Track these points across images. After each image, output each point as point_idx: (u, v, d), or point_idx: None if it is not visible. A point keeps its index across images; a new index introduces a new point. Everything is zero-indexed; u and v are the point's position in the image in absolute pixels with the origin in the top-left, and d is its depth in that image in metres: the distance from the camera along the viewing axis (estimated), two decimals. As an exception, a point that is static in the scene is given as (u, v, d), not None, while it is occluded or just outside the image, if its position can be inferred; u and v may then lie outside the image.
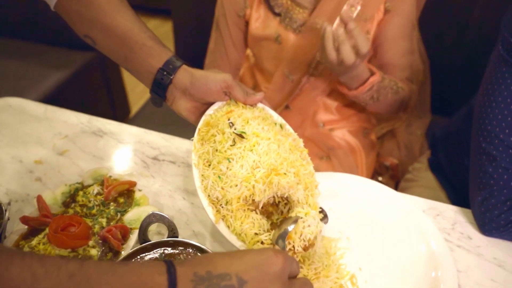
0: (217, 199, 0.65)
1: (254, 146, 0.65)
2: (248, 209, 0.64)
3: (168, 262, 0.42)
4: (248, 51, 1.33)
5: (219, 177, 0.64)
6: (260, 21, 1.18)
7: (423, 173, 1.27)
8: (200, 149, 0.69)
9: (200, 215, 0.80)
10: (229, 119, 0.69)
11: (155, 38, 0.73)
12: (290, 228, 0.59)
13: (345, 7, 1.08)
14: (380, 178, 1.39)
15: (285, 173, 0.64)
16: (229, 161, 0.64)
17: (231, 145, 0.66)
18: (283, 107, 1.24)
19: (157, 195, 0.84)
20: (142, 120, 1.60)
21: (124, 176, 0.83)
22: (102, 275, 0.39)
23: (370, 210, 0.81)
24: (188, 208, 0.82)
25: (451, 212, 0.83)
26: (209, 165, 0.68)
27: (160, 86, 0.71)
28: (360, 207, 0.82)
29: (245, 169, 0.63)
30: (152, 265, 0.43)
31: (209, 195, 0.65)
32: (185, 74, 0.70)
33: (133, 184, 0.81)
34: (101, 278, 0.39)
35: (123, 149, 0.96)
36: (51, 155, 0.94)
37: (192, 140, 0.71)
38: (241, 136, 0.66)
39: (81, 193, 0.78)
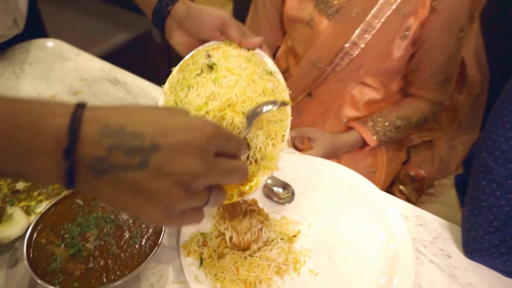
0: None
1: (219, 78, 0.59)
2: None
3: (80, 105, 0.37)
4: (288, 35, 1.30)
5: (176, 103, 0.61)
6: (296, 2, 1.14)
7: (447, 190, 1.15)
8: (174, 77, 0.65)
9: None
10: (207, 51, 0.65)
11: None
12: (266, 108, 0.54)
13: None
14: (401, 187, 1.28)
15: (243, 112, 0.57)
16: (189, 89, 0.60)
17: (197, 74, 0.62)
18: (305, 94, 1.20)
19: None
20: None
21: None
22: None
23: (345, 203, 0.75)
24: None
25: (437, 225, 0.73)
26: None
27: (158, 17, 0.70)
28: (335, 199, 0.76)
29: (200, 98, 0.58)
30: (56, 105, 0.37)
31: None
32: (182, 6, 0.68)
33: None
34: None
35: (128, 99, 0.99)
36: (65, 93, 1.00)
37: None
38: (211, 67, 0.62)
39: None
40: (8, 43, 1.12)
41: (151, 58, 2.24)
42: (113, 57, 1.97)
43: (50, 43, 1.18)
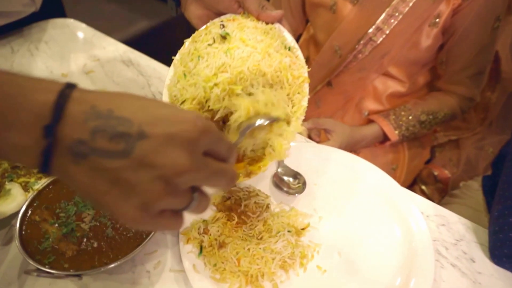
0: (175, 97, 0.58)
1: (232, 49, 0.55)
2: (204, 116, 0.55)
3: (69, 85, 0.34)
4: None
5: (184, 74, 0.57)
6: (319, -15, 1.08)
7: (473, 192, 1.07)
8: (186, 49, 0.61)
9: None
10: (222, 21, 0.61)
11: None
12: (259, 122, 0.51)
13: None
14: (423, 187, 1.21)
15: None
16: (199, 59, 0.56)
17: (209, 44, 0.58)
18: (325, 83, 1.14)
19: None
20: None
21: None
22: None
23: (360, 197, 0.69)
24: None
25: (461, 227, 0.67)
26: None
27: None
28: (350, 192, 0.70)
29: (210, 69, 0.54)
30: (45, 82, 0.34)
31: (171, 94, 0.59)
32: None
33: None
34: None
35: (140, 80, 0.96)
36: (78, 72, 0.98)
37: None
38: (224, 38, 0.58)
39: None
40: (25, 22, 1.11)
41: (173, 46, 2.22)
42: (134, 43, 1.96)
43: (67, 23, 1.17)
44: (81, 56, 1.04)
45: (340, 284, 0.58)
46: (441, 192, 1.20)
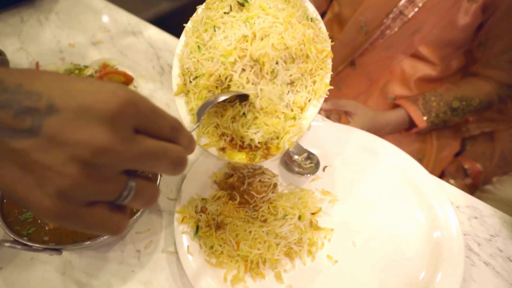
0: (188, 70, 0.53)
1: (251, 18, 0.50)
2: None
3: None
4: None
5: (198, 46, 0.52)
6: (346, -45, 1.00)
7: (507, 187, 0.97)
8: (199, 16, 0.56)
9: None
10: None
11: None
12: (223, 97, 0.45)
13: None
14: (451, 181, 1.11)
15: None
16: (215, 30, 0.51)
17: (225, 12, 0.52)
18: (348, 62, 1.05)
19: (152, 98, 0.77)
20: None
21: (130, 72, 0.78)
22: None
23: (381, 181, 0.61)
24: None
25: (497, 221, 0.58)
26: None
27: None
28: (368, 174, 0.63)
29: (229, 42, 0.49)
30: None
31: (183, 66, 0.54)
32: None
33: (130, 78, 0.75)
34: None
35: (150, 52, 0.91)
36: (85, 42, 0.94)
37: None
38: (242, 5, 0.53)
39: (77, 71, 0.75)
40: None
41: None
42: (156, 25, 1.93)
43: (79, -6, 1.12)
44: (91, 27, 0.99)
45: (353, 276, 0.50)
46: (471, 188, 1.10)
